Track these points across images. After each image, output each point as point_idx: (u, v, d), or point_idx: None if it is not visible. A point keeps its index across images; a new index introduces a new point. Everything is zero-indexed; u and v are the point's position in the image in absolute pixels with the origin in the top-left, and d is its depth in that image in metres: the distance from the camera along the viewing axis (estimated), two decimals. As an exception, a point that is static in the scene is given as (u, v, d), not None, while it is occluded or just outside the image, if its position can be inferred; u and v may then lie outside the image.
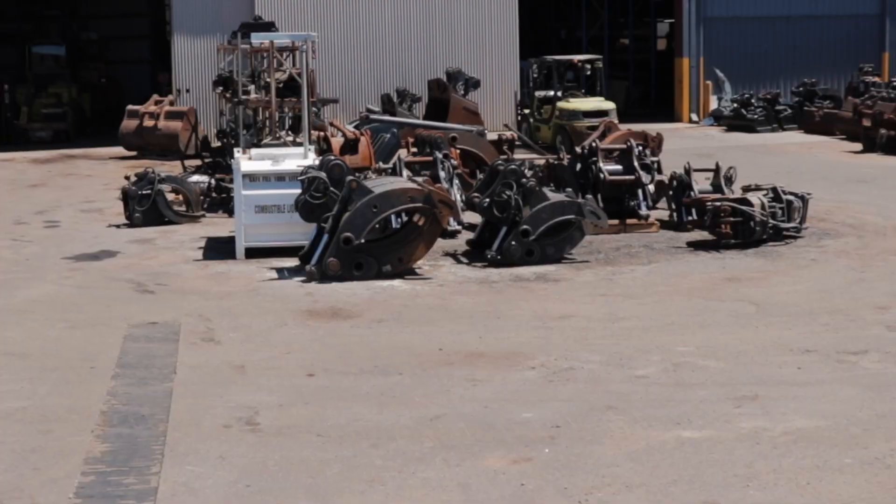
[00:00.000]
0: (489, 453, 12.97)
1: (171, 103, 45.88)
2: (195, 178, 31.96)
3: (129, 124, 44.79)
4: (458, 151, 30.62)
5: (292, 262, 23.45)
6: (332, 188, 22.80)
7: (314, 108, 37.66)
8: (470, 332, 18.32)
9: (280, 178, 24.70)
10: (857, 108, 43.68)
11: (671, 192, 27.46)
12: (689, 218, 26.49)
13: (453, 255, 24.25)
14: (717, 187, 26.97)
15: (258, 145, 30.66)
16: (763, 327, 18.16)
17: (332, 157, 24.42)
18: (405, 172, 27.36)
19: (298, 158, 25.63)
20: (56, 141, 50.74)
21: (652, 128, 33.90)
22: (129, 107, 45.70)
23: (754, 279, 21.81)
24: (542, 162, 29.37)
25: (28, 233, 28.53)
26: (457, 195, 26.86)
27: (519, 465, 12.64)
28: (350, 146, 29.39)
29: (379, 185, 23.03)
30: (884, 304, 19.65)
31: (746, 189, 25.96)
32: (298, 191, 23.15)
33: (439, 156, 28.91)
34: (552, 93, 46.30)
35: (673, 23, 56.82)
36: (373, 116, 36.46)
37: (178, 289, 22.07)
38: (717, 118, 52.28)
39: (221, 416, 14.43)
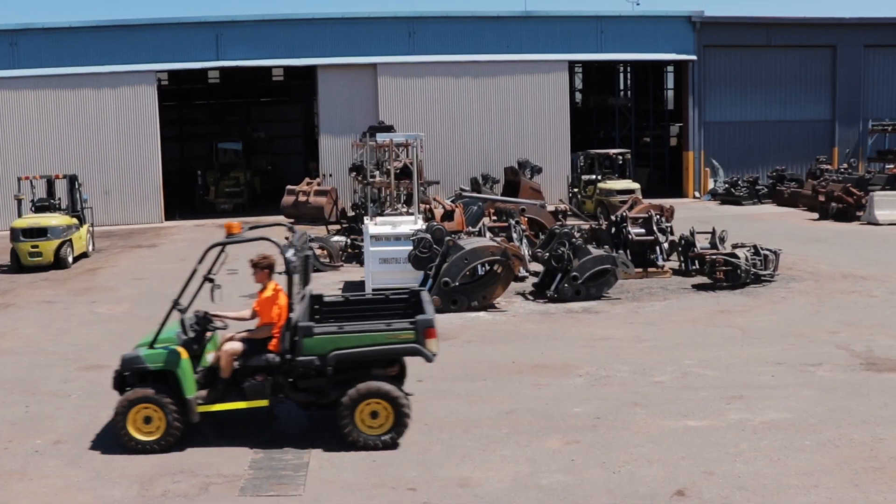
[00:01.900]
0: (549, 437, 13.09)
1: (319, 184, 46.10)
2: (336, 238, 32.19)
3: (287, 199, 45.11)
4: (526, 219, 30.71)
5: (406, 299, 23.57)
6: (435, 245, 23.01)
7: (422, 188, 37.88)
8: (534, 350, 18.39)
9: (397, 239, 24.78)
10: (814, 187, 43.50)
11: (680, 249, 27.44)
12: (694, 267, 26.49)
13: (522, 294, 24.28)
14: (713, 245, 26.91)
15: (381, 214, 30.86)
16: (747, 346, 18.11)
17: (435, 223, 24.60)
18: (487, 234, 27.47)
19: (410, 224, 25.78)
20: (235, 211, 51.10)
21: (666, 202, 33.91)
22: (288, 186, 46.01)
23: (740, 311, 21.73)
24: (586, 226, 29.38)
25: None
26: (525, 251, 26.97)
27: (570, 445, 12.74)
28: (448, 215, 29.47)
29: (468, 243, 23.16)
30: (834, 329, 19.54)
31: (735, 246, 25.92)
32: (410, 247, 23.37)
33: (512, 222, 29.05)
34: (594, 176, 46.31)
35: (681, 126, 56.55)
36: (464, 194, 36.55)
37: (324, 318, 22.20)
38: (714, 195, 51.94)
39: (356, 409, 14.61)
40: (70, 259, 32.10)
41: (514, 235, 28.62)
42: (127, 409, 13.03)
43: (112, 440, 13.37)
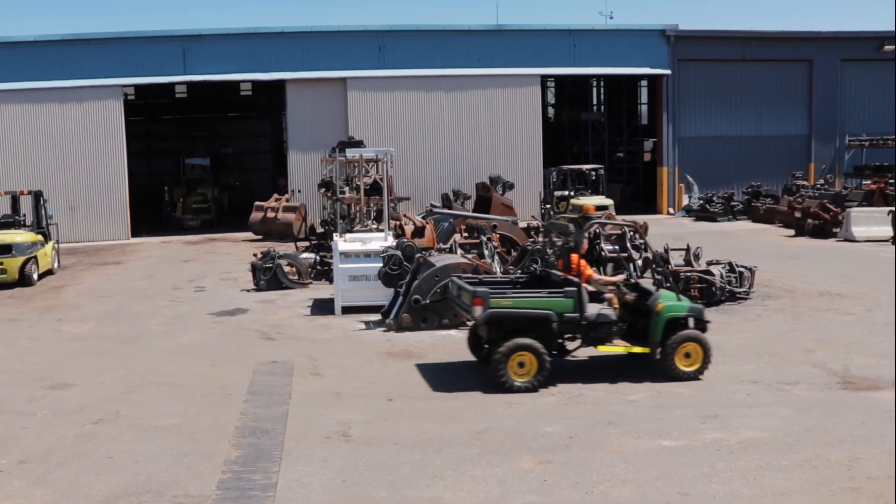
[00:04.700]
0: (521, 457, 13.03)
1: (287, 200, 46.15)
2: (305, 255, 32.16)
3: (256, 216, 45.14)
4: (497, 236, 30.68)
5: (376, 317, 23.50)
6: (405, 263, 23.00)
7: (392, 204, 37.89)
8: (506, 368, 18.31)
9: (367, 255, 24.82)
10: (790, 203, 43.79)
11: (654, 265, 27.46)
12: (668, 284, 26.47)
13: (494, 312, 24.21)
14: (688, 262, 26.92)
15: (351, 231, 30.83)
16: (722, 364, 18.08)
17: (405, 240, 24.59)
18: (459, 251, 27.45)
19: (380, 241, 25.79)
20: (202, 228, 51.10)
21: (640, 218, 33.97)
22: (256, 203, 46.08)
23: (715, 329, 21.61)
24: (559, 243, 29.38)
25: (182, 295, 28.73)
26: (497, 268, 26.92)
27: (543, 465, 12.69)
28: (418, 232, 29.45)
29: (439, 260, 23.13)
30: (810, 347, 19.58)
31: (709, 263, 25.98)
32: (381, 264, 23.37)
33: (484, 239, 29.00)
34: (567, 192, 46.46)
35: (655, 141, 56.83)
36: (435, 210, 36.52)
37: (292, 336, 22.16)
38: (688, 211, 52.20)
39: (324, 429, 14.54)
40: (35, 276, 31.90)
41: (486, 252, 28.56)
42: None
43: (78, 459, 13.29)
